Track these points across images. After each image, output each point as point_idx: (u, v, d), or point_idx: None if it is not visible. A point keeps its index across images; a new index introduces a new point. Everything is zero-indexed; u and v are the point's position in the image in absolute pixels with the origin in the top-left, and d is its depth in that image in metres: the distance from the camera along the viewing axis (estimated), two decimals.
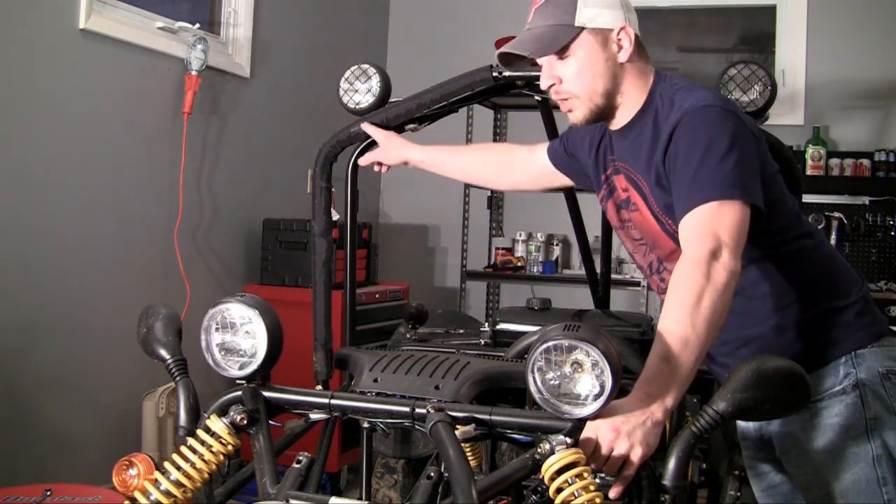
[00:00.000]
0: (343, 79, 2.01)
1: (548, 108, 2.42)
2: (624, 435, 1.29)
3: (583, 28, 1.58)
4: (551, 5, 1.60)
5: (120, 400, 3.30)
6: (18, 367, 2.91)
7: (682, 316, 1.38)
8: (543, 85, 1.64)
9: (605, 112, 1.65)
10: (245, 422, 1.42)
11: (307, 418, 1.54)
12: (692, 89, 1.61)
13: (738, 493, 1.94)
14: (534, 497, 1.52)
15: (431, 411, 1.35)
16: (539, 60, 1.64)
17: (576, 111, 1.64)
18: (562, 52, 1.59)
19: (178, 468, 1.38)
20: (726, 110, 1.54)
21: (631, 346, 1.74)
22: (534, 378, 1.30)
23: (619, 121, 1.68)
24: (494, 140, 5.13)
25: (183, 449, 1.40)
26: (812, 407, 1.59)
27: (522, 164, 2.03)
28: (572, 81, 1.61)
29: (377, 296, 4.10)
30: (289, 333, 1.50)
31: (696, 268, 1.41)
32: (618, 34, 1.60)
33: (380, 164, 2.04)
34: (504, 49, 1.64)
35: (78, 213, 3.13)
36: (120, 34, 3.25)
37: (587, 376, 1.27)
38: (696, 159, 1.49)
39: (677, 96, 1.60)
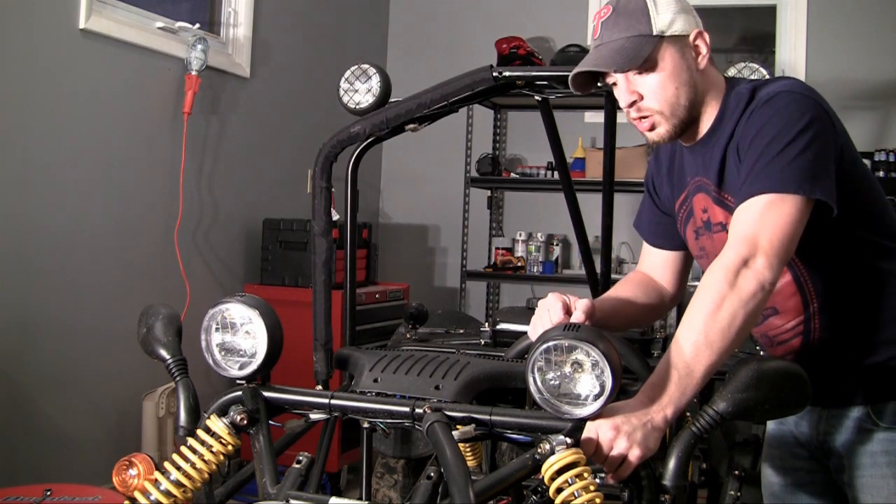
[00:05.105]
0: (343, 79, 2.01)
1: (548, 109, 2.42)
2: (623, 434, 1.29)
3: (662, 37, 1.47)
4: (622, 16, 1.49)
5: (120, 400, 3.30)
6: (18, 367, 2.91)
7: (697, 323, 1.34)
8: (624, 102, 1.52)
9: (686, 125, 1.54)
10: (245, 422, 1.42)
11: (307, 418, 1.53)
12: (773, 80, 1.52)
13: (738, 493, 1.94)
14: (534, 497, 1.52)
15: (428, 411, 1.35)
16: (613, 77, 1.52)
17: (659, 128, 1.52)
18: (642, 66, 1.48)
19: (178, 468, 1.38)
20: (805, 96, 1.45)
21: (631, 346, 1.74)
22: (534, 378, 1.29)
23: (697, 133, 1.57)
24: (494, 139, 5.13)
25: (183, 449, 1.40)
26: None
27: (664, 276, 1.81)
28: (655, 96, 1.49)
29: (377, 296, 4.10)
30: (289, 333, 1.50)
31: (722, 273, 1.35)
32: (694, 39, 1.51)
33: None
34: (582, 67, 1.51)
35: (78, 213, 3.13)
36: (120, 34, 3.25)
37: (587, 376, 1.27)
38: (760, 149, 1.41)
39: (758, 91, 1.50)
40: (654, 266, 1.83)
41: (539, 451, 1.27)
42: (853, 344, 1.57)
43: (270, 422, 1.48)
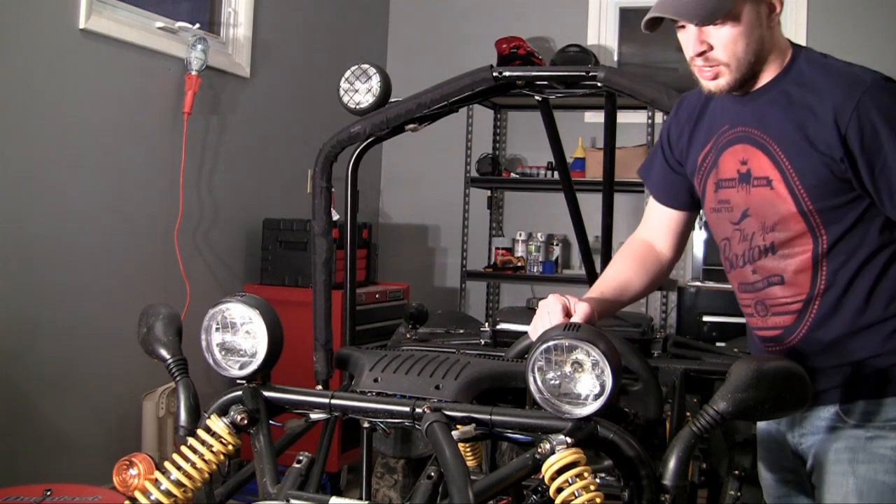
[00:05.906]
0: (343, 79, 2.01)
1: (548, 109, 2.42)
2: None
3: None
4: None
5: (120, 400, 3.30)
6: (18, 367, 2.91)
7: None
8: (692, 51, 1.53)
9: (746, 80, 1.57)
10: (245, 422, 1.42)
11: (307, 418, 1.54)
12: (843, 63, 1.60)
13: (738, 493, 1.94)
14: (534, 497, 1.52)
15: (428, 411, 1.35)
16: (682, 24, 1.54)
17: (720, 79, 1.55)
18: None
19: (179, 468, 1.38)
20: None
21: (631, 346, 1.74)
22: (534, 378, 1.30)
23: (752, 85, 1.59)
24: (494, 139, 5.13)
25: (183, 449, 1.40)
26: (871, 432, 1.53)
27: (665, 237, 1.84)
28: (725, 49, 1.52)
29: (377, 296, 4.11)
30: (289, 333, 1.50)
31: None
32: None
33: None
34: (664, 13, 1.51)
35: (78, 213, 3.13)
36: (120, 34, 3.25)
37: (587, 376, 1.27)
38: None
39: (829, 64, 1.57)
40: (657, 227, 1.84)
41: (539, 450, 1.27)
42: (838, 338, 1.55)
43: (270, 422, 1.48)
